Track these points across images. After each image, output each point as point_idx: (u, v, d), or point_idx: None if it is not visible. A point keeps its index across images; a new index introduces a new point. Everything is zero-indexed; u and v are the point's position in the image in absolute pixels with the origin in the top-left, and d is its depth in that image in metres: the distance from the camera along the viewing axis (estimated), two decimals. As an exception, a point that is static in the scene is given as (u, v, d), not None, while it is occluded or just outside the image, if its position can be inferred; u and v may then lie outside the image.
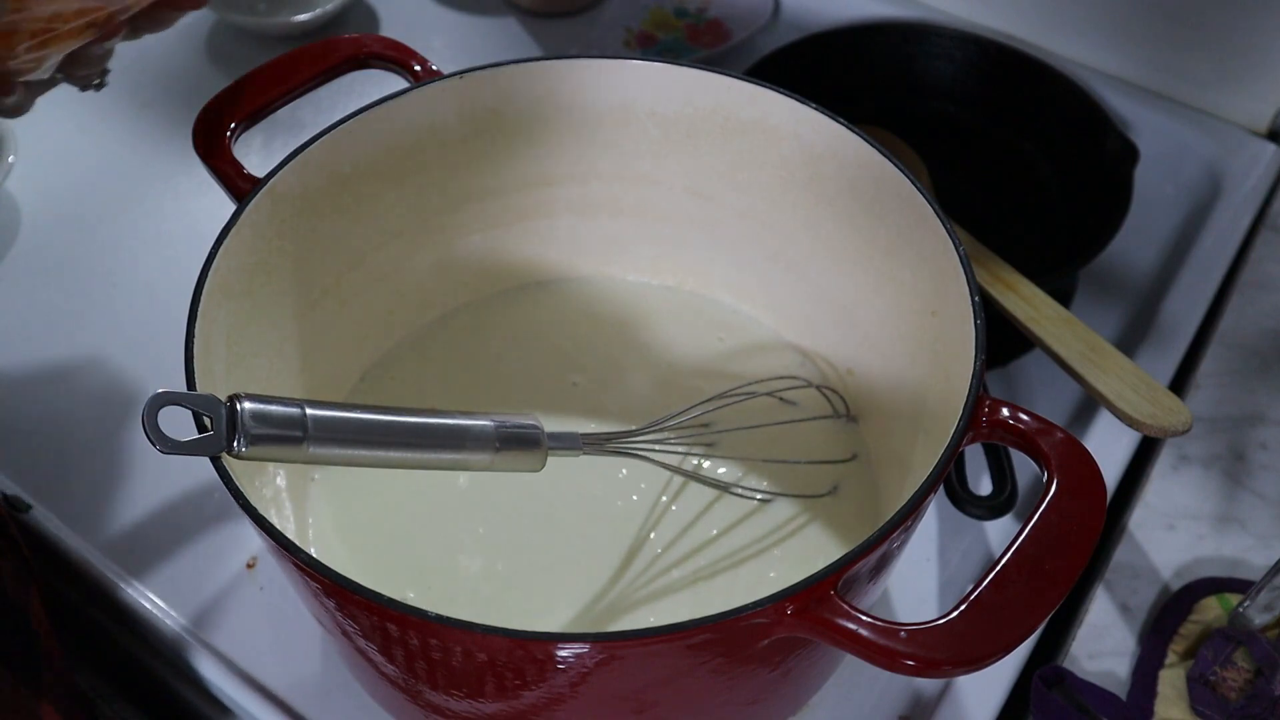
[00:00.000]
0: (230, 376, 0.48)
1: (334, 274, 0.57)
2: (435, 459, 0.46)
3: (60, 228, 0.77)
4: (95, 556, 0.60)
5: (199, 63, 0.89)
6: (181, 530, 0.61)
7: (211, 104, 0.54)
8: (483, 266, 0.65)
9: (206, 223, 0.49)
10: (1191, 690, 0.54)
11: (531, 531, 0.56)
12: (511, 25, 0.92)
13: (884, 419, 0.58)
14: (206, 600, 0.58)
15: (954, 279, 0.48)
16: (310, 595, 0.43)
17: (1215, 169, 0.80)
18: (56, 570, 0.62)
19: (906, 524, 0.40)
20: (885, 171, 0.52)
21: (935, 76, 0.83)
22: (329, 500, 0.57)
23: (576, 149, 0.61)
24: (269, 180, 0.51)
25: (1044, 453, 0.41)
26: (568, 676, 0.39)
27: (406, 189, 0.59)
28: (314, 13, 0.88)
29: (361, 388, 0.62)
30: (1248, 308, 0.72)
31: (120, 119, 0.84)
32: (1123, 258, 0.75)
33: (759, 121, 0.57)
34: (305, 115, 0.76)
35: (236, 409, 0.40)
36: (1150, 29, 0.83)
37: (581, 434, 0.54)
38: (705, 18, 0.91)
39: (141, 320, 0.71)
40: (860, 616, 0.37)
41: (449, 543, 0.56)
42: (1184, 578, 0.59)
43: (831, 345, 0.62)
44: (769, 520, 0.56)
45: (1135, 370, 0.58)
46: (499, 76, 0.57)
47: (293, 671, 0.56)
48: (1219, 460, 0.64)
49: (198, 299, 0.45)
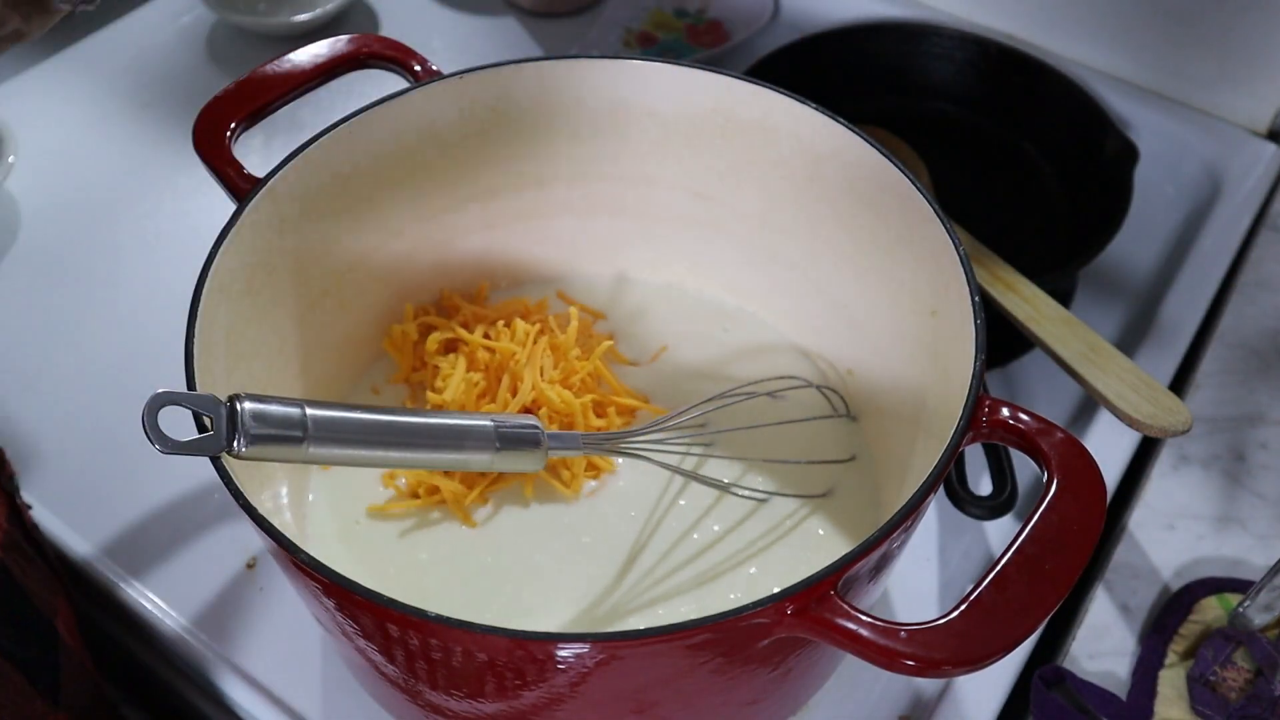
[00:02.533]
0: (230, 376, 0.48)
1: (334, 274, 0.57)
2: (435, 459, 0.46)
3: (60, 228, 0.77)
4: (95, 556, 0.60)
5: (199, 63, 0.89)
6: (181, 530, 0.61)
7: (211, 104, 0.54)
8: (483, 266, 0.65)
9: (206, 223, 0.49)
10: (1191, 690, 0.54)
11: (531, 531, 0.56)
12: (511, 25, 0.92)
13: (884, 419, 0.58)
14: (206, 600, 0.58)
15: (954, 279, 0.48)
16: (310, 595, 0.43)
17: (1215, 169, 0.80)
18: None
19: (906, 524, 0.40)
20: (885, 171, 0.52)
21: (935, 76, 0.83)
22: (329, 500, 0.57)
23: (576, 149, 0.61)
24: (269, 180, 0.51)
25: (1044, 453, 0.41)
26: (568, 676, 0.39)
27: (406, 189, 0.59)
28: (314, 13, 0.88)
29: (361, 388, 0.62)
30: (1248, 308, 0.72)
31: (120, 119, 0.84)
32: (1123, 258, 0.75)
33: (759, 121, 0.57)
34: (305, 115, 0.75)
35: (236, 409, 0.40)
36: (1150, 29, 0.83)
37: (581, 434, 0.54)
38: (705, 18, 0.91)
39: (141, 320, 0.71)
40: (860, 616, 0.37)
41: (449, 543, 0.56)
42: (1184, 578, 0.59)
43: (831, 345, 0.62)
44: (769, 520, 0.56)
45: (1135, 370, 0.58)
46: (499, 76, 0.57)
47: (293, 671, 0.56)
48: (1219, 460, 0.64)
49: (198, 299, 0.45)
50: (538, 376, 0.57)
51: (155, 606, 0.58)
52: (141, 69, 0.88)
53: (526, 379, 0.57)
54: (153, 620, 0.58)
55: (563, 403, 0.57)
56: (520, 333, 0.59)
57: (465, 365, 0.58)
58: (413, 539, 0.56)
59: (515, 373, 0.58)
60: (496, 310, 0.63)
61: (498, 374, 0.58)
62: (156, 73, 0.88)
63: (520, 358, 0.57)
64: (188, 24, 0.92)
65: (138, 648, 0.61)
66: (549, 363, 0.58)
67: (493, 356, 0.59)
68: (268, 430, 0.40)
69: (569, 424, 0.58)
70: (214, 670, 0.56)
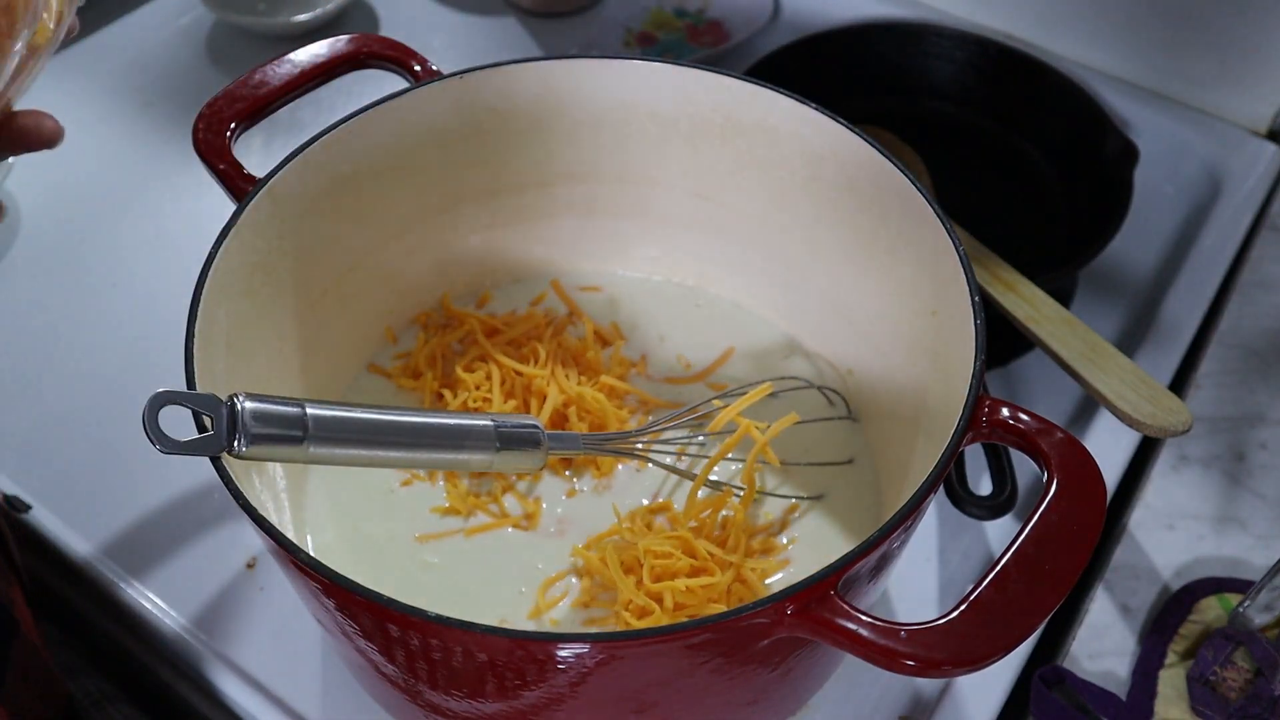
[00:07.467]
0: (230, 376, 0.48)
1: (334, 274, 0.57)
2: (435, 459, 0.46)
3: (60, 228, 0.77)
4: (95, 556, 0.60)
5: (199, 63, 0.89)
6: (181, 530, 0.61)
7: (211, 104, 0.54)
8: (483, 266, 0.65)
9: (206, 223, 0.49)
10: (1191, 690, 0.54)
11: (530, 531, 0.56)
12: (511, 25, 0.92)
13: (884, 419, 0.58)
14: (206, 600, 0.58)
15: (954, 279, 0.48)
16: (310, 595, 0.42)
17: (1215, 169, 0.80)
18: (56, 570, 0.62)
19: (906, 524, 0.40)
20: (885, 171, 0.52)
21: (935, 76, 0.83)
22: (329, 501, 0.57)
23: (576, 149, 0.61)
24: (269, 180, 0.51)
25: (1044, 453, 0.41)
26: (568, 677, 0.39)
27: (406, 189, 0.59)
28: (314, 13, 0.88)
29: (361, 387, 0.62)
30: (1248, 308, 0.72)
31: (120, 119, 0.84)
32: (1123, 258, 0.75)
33: (759, 121, 0.57)
34: (305, 115, 0.76)
35: (237, 408, 0.40)
36: (1150, 29, 0.83)
37: (581, 434, 0.54)
38: (705, 18, 0.91)
39: (141, 320, 0.71)
40: (860, 616, 0.37)
41: (449, 542, 0.56)
42: (1184, 578, 0.59)
43: (831, 345, 0.62)
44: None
45: (1135, 370, 0.58)
46: (499, 76, 0.57)
47: (293, 671, 0.56)
48: (1219, 460, 0.64)
49: (198, 299, 0.45)
50: (564, 381, 0.59)
51: (155, 606, 0.58)
52: (141, 69, 0.88)
53: (552, 394, 0.58)
54: (153, 620, 0.58)
55: (595, 402, 0.58)
56: (543, 356, 0.60)
57: (501, 394, 0.59)
58: (413, 539, 0.56)
59: (540, 390, 0.59)
60: (507, 323, 0.63)
61: (524, 395, 0.59)
62: (156, 73, 0.88)
63: (545, 377, 0.59)
64: (188, 24, 0.92)
65: (137, 648, 0.61)
66: (573, 377, 0.60)
67: (519, 378, 0.60)
68: (268, 430, 0.40)
69: (600, 424, 0.58)
70: (214, 670, 0.56)
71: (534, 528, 0.56)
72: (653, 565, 0.51)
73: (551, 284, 0.66)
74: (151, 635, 0.58)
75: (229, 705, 0.56)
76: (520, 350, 0.61)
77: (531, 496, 0.57)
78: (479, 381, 0.59)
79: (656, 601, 0.50)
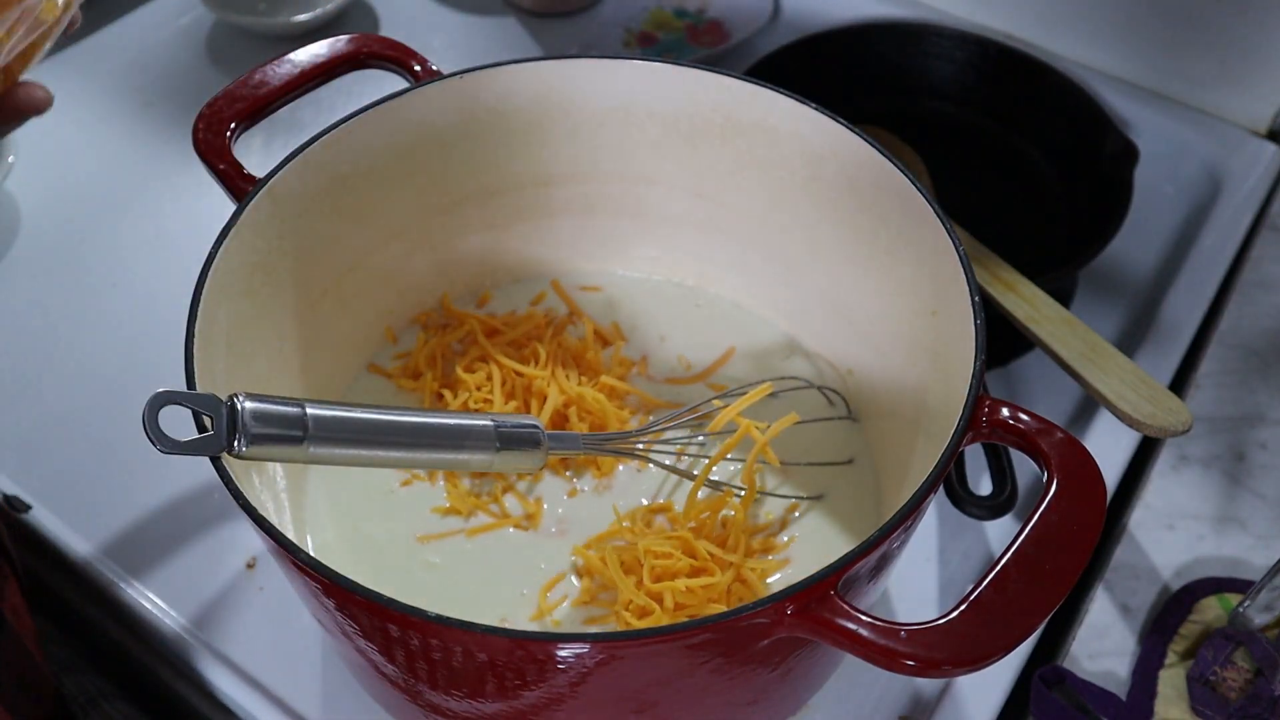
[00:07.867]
0: (230, 376, 0.48)
1: (334, 274, 0.57)
2: (435, 459, 0.46)
3: (60, 228, 0.77)
4: (95, 556, 0.60)
5: (199, 63, 0.89)
6: (181, 530, 0.61)
7: (211, 104, 0.54)
8: (483, 266, 0.65)
9: (206, 223, 0.49)
10: (1191, 690, 0.54)
11: (531, 531, 0.56)
12: (511, 25, 0.92)
13: (884, 419, 0.58)
14: (206, 600, 0.58)
15: (954, 279, 0.48)
16: (310, 595, 0.42)
17: (1215, 169, 0.80)
18: (56, 570, 0.62)
19: (906, 524, 0.40)
20: (885, 171, 0.52)
21: (935, 76, 0.83)
22: (329, 501, 0.57)
23: (576, 149, 0.61)
24: (269, 180, 0.51)
25: (1044, 453, 0.41)
26: (568, 677, 0.39)
27: (406, 189, 0.59)
28: (314, 13, 0.88)
29: (361, 387, 0.62)
30: (1248, 308, 0.72)
31: (120, 119, 0.84)
32: (1123, 258, 0.75)
33: (759, 121, 0.57)
34: (305, 115, 0.76)
35: (237, 408, 0.40)
36: (1150, 29, 0.83)
37: (581, 434, 0.54)
38: (705, 18, 0.92)
39: (141, 320, 0.71)
40: (860, 616, 0.37)
41: (449, 543, 0.56)
42: (1184, 578, 0.59)
43: (832, 345, 0.62)
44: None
45: (1135, 370, 0.58)
46: (499, 76, 0.57)
47: (293, 671, 0.56)
48: (1219, 460, 0.64)
49: (198, 299, 0.45)
50: (565, 382, 0.59)
51: (155, 606, 0.58)
52: (141, 69, 0.88)
53: (552, 394, 0.58)
54: (152, 620, 0.58)
55: (595, 402, 0.58)
56: (544, 357, 0.60)
57: (502, 395, 0.59)
58: (414, 539, 0.56)
59: (540, 390, 0.59)
60: (507, 323, 0.63)
61: (524, 395, 0.59)
62: (156, 73, 0.88)
63: (545, 378, 0.59)
64: (188, 24, 0.92)
65: (137, 647, 0.61)
66: (573, 378, 0.60)
67: (519, 379, 0.60)
68: (268, 430, 0.40)
69: (601, 424, 0.58)
70: (213, 670, 0.56)
71: (535, 528, 0.56)
72: (653, 565, 0.51)
73: (551, 284, 0.66)
74: (151, 635, 0.58)
75: (229, 705, 0.56)
76: (520, 350, 0.61)
77: (532, 496, 0.57)
78: (479, 382, 0.59)
79: (656, 601, 0.50)
